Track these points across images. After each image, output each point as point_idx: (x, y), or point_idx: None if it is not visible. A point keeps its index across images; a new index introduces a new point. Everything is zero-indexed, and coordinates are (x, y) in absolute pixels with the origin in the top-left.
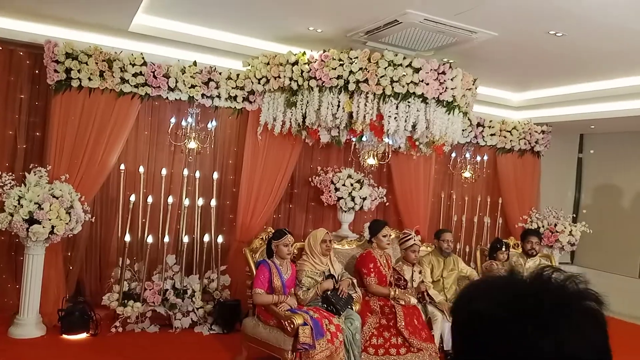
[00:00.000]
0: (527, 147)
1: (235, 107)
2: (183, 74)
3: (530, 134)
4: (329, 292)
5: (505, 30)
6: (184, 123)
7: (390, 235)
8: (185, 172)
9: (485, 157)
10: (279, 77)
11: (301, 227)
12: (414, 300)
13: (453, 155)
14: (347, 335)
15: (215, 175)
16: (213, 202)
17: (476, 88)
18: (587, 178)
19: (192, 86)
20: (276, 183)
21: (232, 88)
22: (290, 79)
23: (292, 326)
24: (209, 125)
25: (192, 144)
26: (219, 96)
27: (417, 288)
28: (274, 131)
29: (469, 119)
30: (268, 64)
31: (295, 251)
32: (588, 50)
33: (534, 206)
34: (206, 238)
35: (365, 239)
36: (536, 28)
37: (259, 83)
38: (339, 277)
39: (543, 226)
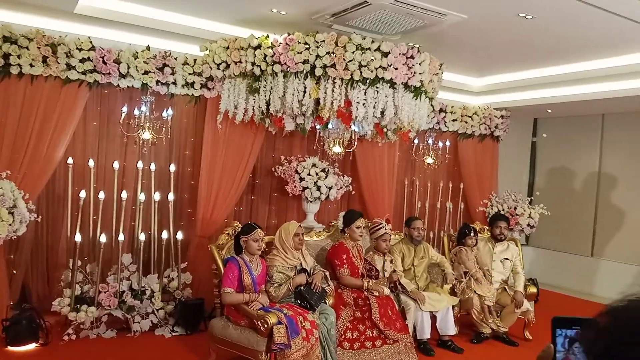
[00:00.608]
0: (487, 132)
1: (192, 95)
2: (135, 59)
3: (490, 119)
4: (302, 288)
5: (476, 12)
6: (136, 112)
7: (362, 227)
8: (140, 164)
9: (448, 143)
10: (240, 62)
11: (264, 219)
12: (387, 291)
13: (416, 141)
14: (322, 331)
15: (172, 168)
16: (170, 196)
17: (442, 73)
18: (540, 161)
19: (146, 72)
20: (238, 174)
21: (189, 74)
22: (253, 63)
23: (265, 326)
24: (165, 114)
25: (146, 135)
26: (174, 83)
27: (389, 278)
28: (235, 119)
29: (431, 105)
30: (228, 48)
31: (263, 246)
32: (555, 34)
33: (493, 190)
34: (164, 235)
35: (336, 228)
36: (507, 10)
37: (218, 68)
38: (311, 271)
39: (503, 209)
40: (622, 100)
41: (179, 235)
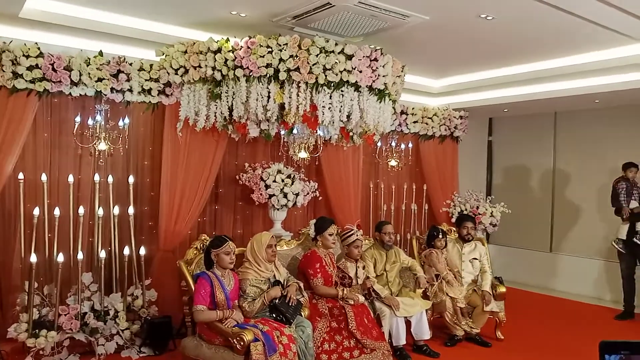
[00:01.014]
0: (447, 133)
1: (149, 102)
2: (87, 65)
3: (449, 119)
4: (276, 301)
5: (438, 13)
6: (90, 122)
7: (335, 234)
8: (96, 177)
9: (410, 145)
10: (199, 66)
11: (229, 229)
12: (362, 298)
13: (379, 144)
14: (300, 345)
15: (131, 179)
16: (130, 210)
17: (405, 75)
18: (497, 160)
19: (99, 79)
20: (200, 184)
21: (146, 80)
22: (213, 68)
23: (242, 343)
24: (121, 123)
25: (102, 145)
26: (130, 90)
27: (363, 284)
28: (196, 127)
29: (394, 107)
30: (186, 52)
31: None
32: (514, 34)
33: (455, 190)
34: (126, 250)
35: (306, 236)
36: (468, 11)
37: (177, 74)
38: (285, 283)
39: (466, 209)
40: (573, 98)
41: (142, 251)
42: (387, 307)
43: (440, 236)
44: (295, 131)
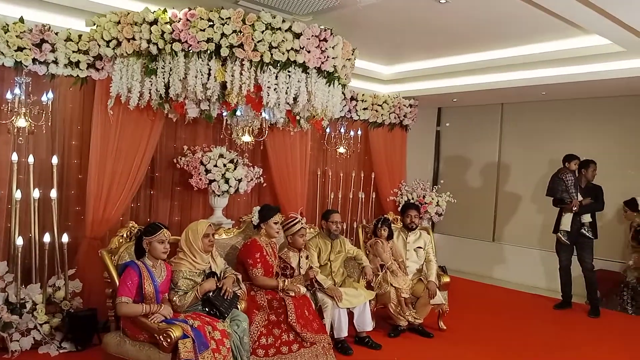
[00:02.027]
0: (396, 121)
1: (78, 76)
2: (6, 32)
3: (399, 107)
4: (210, 294)
5: None
6: (9, 95)
7: (279, 223)
8: (15, 157)
9: (359, 132)
10: (133, 39)
11: (166, 215)
12: (303, 290)
13: (328, 130)
14: (234, 340)
15: (55, 160)
16: (53, 193)
17: (355, 58)
18: (444, 150)
19: (20, 49)
20: (134, 167)
21: (73, 52)
22: (148, 41)
23: (169, 340)
24: (44, 98)
25: (22, 122)
26: (55, 62)
27: (306, 275)
28: (129, 104)
29: (343, 93)
30: (119, 23)
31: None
32: (467, 20)
33: (403, 179)
34: (47, 238)
35: (247, 225)
36: None
37: (108, 46)
38: (222, 274)
39: (412, 198)
40: (520, 89)
41: (65, 238)
42: (329, 298)
43: (380, 225)
44: (238, 113)
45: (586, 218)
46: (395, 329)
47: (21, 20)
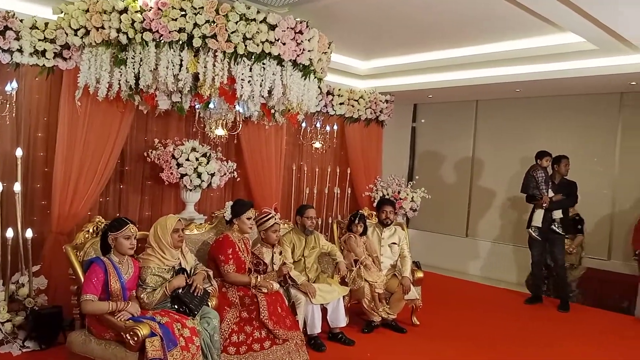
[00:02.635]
0: (372, 117)
1: (44, 65)
2: None
3: (375, 103)
4: (180, 291)
5: None
6: None
7: (253, 218)
8: None
9: (336, 127)
10: (102, 27)
11: (136, 210)
12: (276, 286)
13: (303, 125)
14: (204, 338)
15: (19, 152)
16: (17, 187)
17: (331, 52)
18: (419, 146)
19: None
20: (103, 160)
21: (40, 40)
22: (118, 30)
23: (135, 339)
24: (8, 88)
25: None
26: (20, 50)
27: (279, 271)
28: (98, 95)
29: (319, 87)
30: (87, 11)
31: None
32: (443, 14)
33: (378, 175)
34: (9, 233)
35: (219, 220)
36: None
37: (76, 35)
38: (192, 271)
39: (388, 194)
40: (495, 86)
41: (29, 233)
42: (302, 295)
43: (356, 221)
44: (211, 105)
45: (557, 214)
46: (368, 324)
47: None
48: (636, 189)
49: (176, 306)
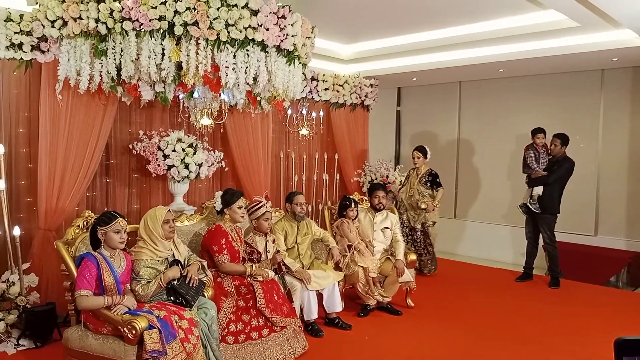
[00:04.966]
0: (357, 102)
1: (21, 59)
2: None
3: (360, 87)
4: (175, 282)
5: None
6: None
7: (244, 207)
8: None
9: (322, 113)
10: (80, 18)
11: (124, 204)
12: (272, 274)
13: (289, 112)
14: (202, 328)
15: (2, 149)
16: (2, 184)
17: (315, 37)
18: (405, 130)
19: None
20: (87, 154)
21: (15, 33)
22: (97, 20)
23: (133, 332)
24: None
25: None
26: None
27: (273, 259)
28: (79, 88)
29: (303, 73)
30: (63, 1)
31: (126, 237)
32: None
33: (366, 160)
34: None
35: (210, 210)
36: None
37: (53, 26)
38: (186, 262)
39: (376, 178)
40: (478, 67)
41: (17, 231)
42: (298, 281)
43: (352, 206)
44: (196, 95)
45: (536, 191)
46: (364, 308)
47: None
48: (620, 164)
49: (172, 298)
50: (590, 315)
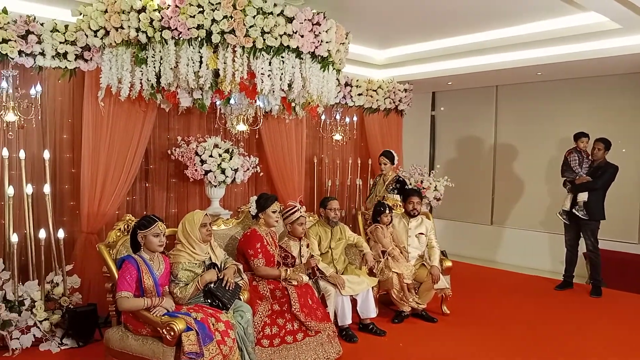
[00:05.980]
0: (391, 107)
1: (66, 67)
2: None
3: (394, 92)
4: (212, 285)
5: None
6: None
7: (278, 211)
8: (5, 152)
9: (355, 118)
10: (121, 27)
11: (162, 208)
12: (306, 278)
13: (323, 117)
14: (238, 331)
15: (47, 155)
16: (47, 188)
17: (349, 43)
18: (439, 134)
19: (5, 40)
20: (128, 159)
21: (61, 43)
22: (137, 29)
23: (172, 334)
24: (33, 91)
25: (11, 116)
26: (42, 53)
27: (307, 263)
28: (120, 96)
29: (337, 79)
30: (106, 11)
31: (165, 241)
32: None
33: (400, 165)
34: (42, 234)
35: (246, 215)
36: None
37: (96, 36)
38: (222, 265)
39: (410, 184)
40: (515, 70)
41: (61, 234)
42: (332, 286)
43: (387, 211)
44: (232, 101)
45: (581, 197)
46: (398, 314)
47: (4, 11)
48: None
49: (209, 300)
50: (634, 326)
